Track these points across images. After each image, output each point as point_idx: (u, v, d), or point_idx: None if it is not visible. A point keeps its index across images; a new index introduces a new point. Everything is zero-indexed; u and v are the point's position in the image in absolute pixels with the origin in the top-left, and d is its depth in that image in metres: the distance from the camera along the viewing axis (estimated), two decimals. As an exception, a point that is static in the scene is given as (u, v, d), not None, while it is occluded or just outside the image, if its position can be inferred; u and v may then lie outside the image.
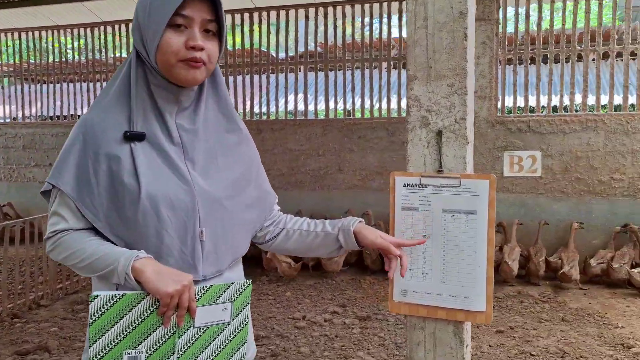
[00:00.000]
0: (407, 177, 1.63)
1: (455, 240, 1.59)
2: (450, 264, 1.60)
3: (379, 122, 6.18)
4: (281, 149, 6.43)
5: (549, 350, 3.77)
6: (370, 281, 5.45)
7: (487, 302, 1.59)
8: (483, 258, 1.57)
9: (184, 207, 1.28)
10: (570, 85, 5.68)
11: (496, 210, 1.58)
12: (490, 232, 1.57)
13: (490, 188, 1.55)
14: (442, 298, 1.62)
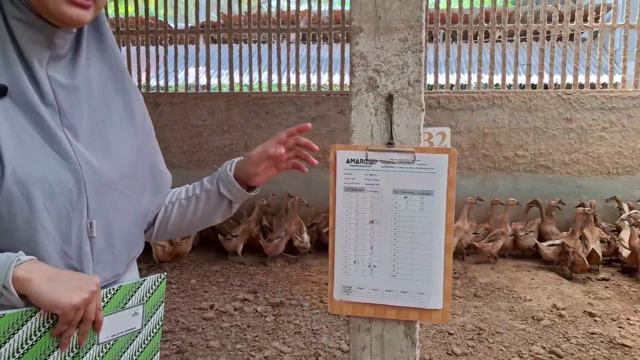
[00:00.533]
0: (351, 151, 1.34)
1: (408, 226, 1.33)
2: (402, 255, 1.35)
3: (288, 97, 5.87)
4: (182, 125, 5.93)
5: (465, 327, 3.73)
6: (282, 264, 5.19)
7: (444, 299, 1.36)
8: (440, 247, 1.33)
9: (67, 192, 0.94)
10: (478, 62, 5.69)
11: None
12: (449, 217, 1.33)
13: (449, 164, 1.31)
14: (392, 295, 1.37)
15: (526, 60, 5.61)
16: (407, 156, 1.31)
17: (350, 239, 1.36)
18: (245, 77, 6.13)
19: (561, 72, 5.56)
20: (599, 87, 5.53)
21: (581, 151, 5.45)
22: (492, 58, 5.66)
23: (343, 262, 1.38)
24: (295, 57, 6.00)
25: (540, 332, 3.65)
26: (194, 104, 5.95)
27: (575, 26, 5.46)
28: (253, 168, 1.20)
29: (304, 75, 6.03)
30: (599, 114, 5.37)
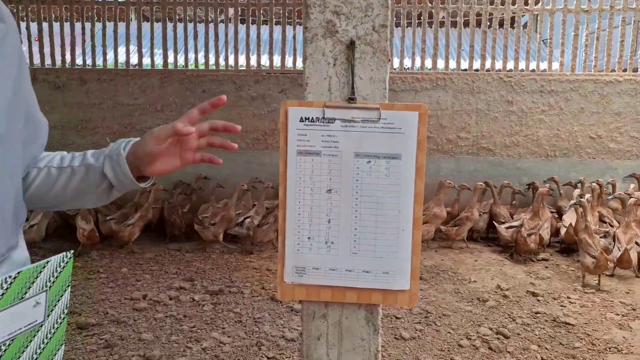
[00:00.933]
0: (305, 108, 1.14)
1: (371, 195, 1.15)
2: (365, 229, 1.16)
3: (226, 75, 5.57)
4: (111, 103, 5.51)
5: (412, 311, 3.63)
6: (220, 250, 4.93)
7: (411, 278, 1.19)
8: (408, 219, 1.16)
9: None
10: (422, 42, 5.61)
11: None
12: (419, 184, 1.16)
13: (420, 123, 1.13)
14: (352, 275, 1.18)
15: (469, 43, 5.57)
16: (371, 114, 1.12)
17: (304, 211, 1.17)
18: (180, 57, 5.77)
19: (502, 56, 5.56)
20: (539, 71, 5.57)
21: (521, 134, 5.49)
22: (435, 40, 5.59)
23: (295, 239, 1.18)
24: (234, 35, 5.70)
25: (487, 313, 3.61)
26: (125, 82, 5.54)
27: (517, 9, 5.47)
28: (152, 150, 0.95)
29: (243, 56, 5.75)
30: (538, 96, 5.42)
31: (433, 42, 5.62)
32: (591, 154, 5.50)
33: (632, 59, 5.51)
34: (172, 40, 5.71)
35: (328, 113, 1.13)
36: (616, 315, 3.57)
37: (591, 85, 5.39)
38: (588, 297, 3.91)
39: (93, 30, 5.73)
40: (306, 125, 1.14)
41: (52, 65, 5.63)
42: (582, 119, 5.45)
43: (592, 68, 5.50)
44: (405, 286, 1.18)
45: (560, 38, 5.48)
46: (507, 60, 5.60)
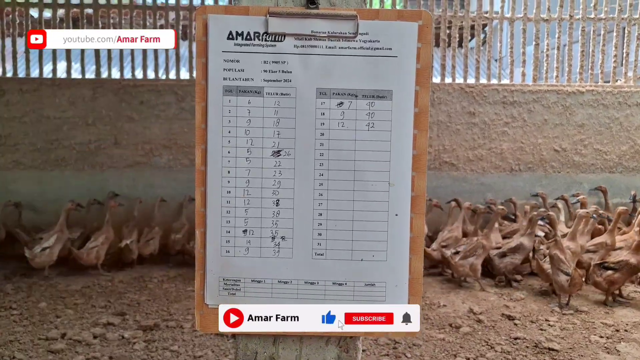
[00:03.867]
0: (238, 16, 0.70)
1: (345, 159, 0.71)
2: (336, 215, 0.72)
3: (167, 85, 5.06)
4: (35, 117, 4.90)
5: (378, 341, 3.18)
6: (160, 279, 4.35)
7: (410, 293, 0.74)
8: (405, 197, 0.72)
9: None
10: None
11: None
12: (421, 141, 0.72)
13: (421, 41, 0.70)
14: (316, 290, 0.73)
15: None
16: (344, 26, 0.69)
17: (237, 187, 0.71)
18: (114, 68, 5.24)
19: (463, 66, 5.31)
20: (500, 82, 5.34)
21: (485, 147, 5.21)
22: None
23: (223, 234, 0.72)
24: (175, 45, 5.22)
25: (461, 341, 3.19)
26: (51, 92, 4.95)
27: (476, 17, 5.25)
28: None
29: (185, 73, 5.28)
30: (500, 108, 5.17)
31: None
32: (556, 168, 5.26)
33: (592, 70, 5.36)
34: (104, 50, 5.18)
35: (274, 25, 0.69)
36: (600, 338, 3.22)
37: (554, 97, 5.19)
38: (567, 318, 3.56)
39: (14, 36, 5.13)
40: (238, 44, 0.70)
41: (-32, 74, 5.00)
42: (545, 131, 5.22)
43: (554, 79, 5.32)
44: (402, 301, 0.73)
45: (521, 48, 5.28)
46: (467, 71, 5.35)
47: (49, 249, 4.18)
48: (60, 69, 5.39)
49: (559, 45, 5.31)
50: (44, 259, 4.16)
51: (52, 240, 4.24)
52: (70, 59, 5.14)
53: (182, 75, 5.31)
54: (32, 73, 5.19)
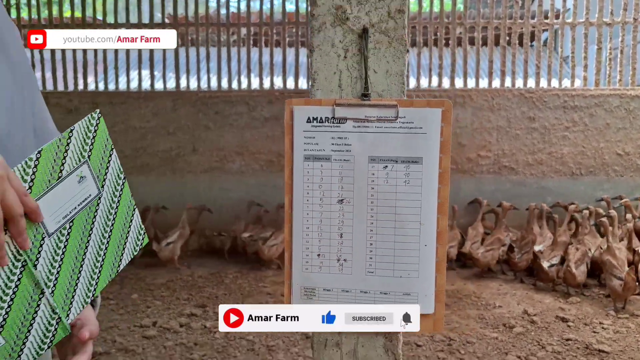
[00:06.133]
0: (313, 107, 1.01)
1: (389, 205, 1.00)
2: (382, 244, 1.02)
3: (239, 96, 5.48)
4: (123, 127, 5.45)
5: (434, 338, 3.43)
6: (234, 275, 4.78)
7: (436, 300, 1.03)
8: (432, 232, 1.01)
9: None
10: (438, 67, 5.50)
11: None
12: (444, 192, 1.01)
13: (444, 122, 0.99)
14: (368, 297, 1.03)
15: (488, 59, 5.43)
16: (388, 112, 0.98)
17: (313, 224, 1.02)
18: (192, 80, 5.72)
19: (523, 71, 5.41)
20: (561, 87, 5.40)
21: (544, 151, 5.29)
22: (452, 58, 5.46)
23: (304, 256, 1.03)
24: (247, 56, 5.64)
25: (514, 340, 3.39)
26: (137, 104, 5.49)
27: (537, 23, 5.34)
28: None
29: (256, 79, 5.68)
30: (561, 112, 5.24)
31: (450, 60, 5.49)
32: (618, 172, 5.27)
33: (657, 73, 5.32)
34: (184, 62, 5.67)
35: (339, 112, 0.99)
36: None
37: (616, 100, 5.20)
38: (622, 322, 3.67)
39: (106, 56, 5.71)
40: (314, 126, 1.01)
41: (65, 89, 5.61)
42: (608, 135, 5.24)
43: (617, 83, 5.32)
44: (429, 310, 1.02)
45: (583, 52, 5.31)
46: (527, 76, 5.45)
47: (172, 244, 4.73)
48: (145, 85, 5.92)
49: (622, 48, 5.30)
50: (167, 253, 4.70)
51: (175, 236, 4.79)
52: (153, 73, 5.66)
53: (252, 85, 5.71)
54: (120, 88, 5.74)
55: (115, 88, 5.70)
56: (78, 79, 5.64)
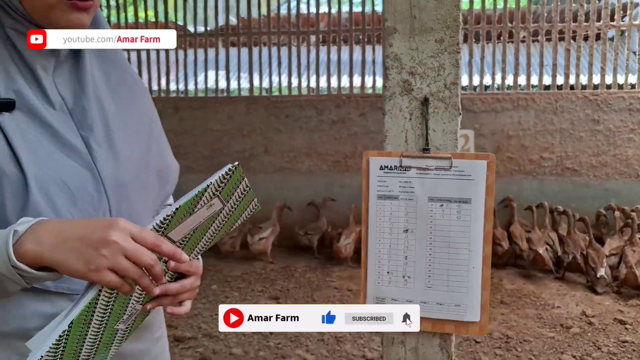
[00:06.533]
0: (385, 157, 1.29)
1: (444, 235, 1.27)
2: (438, 266, 1.29)
3: (308, 100, 5.82)
4: (201, 130, 5.92)
5: (492, 335, 3.64)
6: (303, 269, 5.14)
7: (482, 311, 1.29)
8: (478, 257, 1.27)
9: (89, 198, 0.90)
10: (502, 62, 5.60)
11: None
12: (488, 226, 1.27)
13: (488, 171, 1.25)
14: (427, 307, 1.31)
15: (552, 61, 5.48)
16: (444, 162, 1.25)
17: (384, 248, 1.31)
18: (264, 81, 6.11)
19: (588, 73, 5.44)
20: (627, 88, 5.38)
21: (609, 153, 5.32)
22: (516, 59, 5.55)
23: (376, 273, 1.32)
24: (316, 59, 5.95)
25: (570, 340, 3.55)
26: (214, 109, 5.94)
27: (602, 25, 5.34)
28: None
29: (323, 78, 5.99)
30: (626, 115, 5.24)
31: (514, 62, 5.58)
32: (686, 174, 5.23)
33: None
34: (257, 65, 6.06)
35: (405, 162, 1.27)
36: None
37: (686, 102, 5.15)
38: (683, 326, 3.74)
39: (186, 61, 6.19)
40: (385, 172, 1.29)
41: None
42: (675, 138, 5.21)
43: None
44: (475, 318, 1.29)
45: (650, 54, 5.28)
46: (592, 76, 5.46)
47: (264, 239, 5.19)
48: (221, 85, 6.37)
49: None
50: (260, 247, 5.14)
51: (267, 232, 5.25)
52: (229, 78, 6.09)
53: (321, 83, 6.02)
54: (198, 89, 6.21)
55: (194, 90, 6.16)
56: (161, 85, 6.15)
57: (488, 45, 5.73)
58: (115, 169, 0.95)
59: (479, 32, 5.75)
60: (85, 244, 0.75)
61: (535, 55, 5.72)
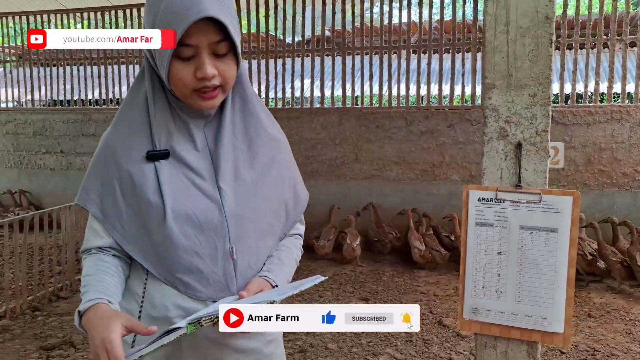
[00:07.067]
0: (482, 191, 1.54)
1: (533, 258, 1.51)
2: (527, 284, 1.52)
3: (398, 111, 6.07)
4: (297, 138, 6.32)
5: (579, 347, 3.73)
6: (391, 273, 5.40)
7: (565, 324, 1.52)
8: (563, 279, 1.49)
9: (212, 226, 1.21)
10: (595, 74, 5.56)
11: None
12: (572, 252, 1.49)
13: (574, 205, 1.47)
14: (516, 318, 1.55)
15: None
16: (534, 197, 1.49)
17: (480, 267, 1.57)
18: (357, 91, 6.42)
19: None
20: None
21: None
22: (610, 70, 5.50)
23: (472, 287, 1.58)
24: (406, 70, 6.18)
25: (660, 358, 3.57)
26: (309, 119, 6.33)
27: None
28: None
29: (413, 87, 6.20)
30: None
31: (608, 73, 5.53)
32: None
33: None
34: (349, 76, 6.38)
35: (500, 195, 1.52)
36: None
37: None
38: None
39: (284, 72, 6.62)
40: (483, 203, 1.54)
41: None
42: None
43: None
44: (559, 330, 1.51)
45: None
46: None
47: (329, 242, 5.59)
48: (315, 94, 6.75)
49: None
50: (325, 250, 5.54)
51: (332, 235, 5.65)
52: (324, 92, 6.45)
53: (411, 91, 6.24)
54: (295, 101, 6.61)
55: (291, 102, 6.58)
56: (261, 94, 6.62)
57: (581, 51, 5.68)
58: (236, 206, 1.22)
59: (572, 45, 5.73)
60: (91, 339, 1.06)
61: (631, 64, 5.62)
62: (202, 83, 1.14)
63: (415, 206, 5.79)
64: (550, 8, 1.44)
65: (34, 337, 3.85)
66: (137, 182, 1.19)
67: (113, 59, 7.44)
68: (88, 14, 7.48)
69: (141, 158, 1.20)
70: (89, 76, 7.49)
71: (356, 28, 6.48)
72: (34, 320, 4.17)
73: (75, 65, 7.57)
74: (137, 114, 1.24)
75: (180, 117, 1.24)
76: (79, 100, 7.63)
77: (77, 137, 7.37)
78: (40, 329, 3.99)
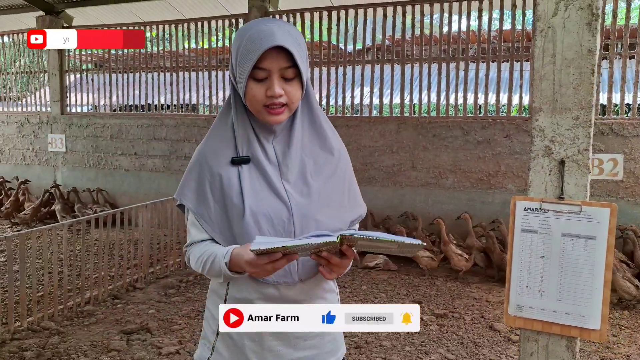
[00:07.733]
0: (528, 201, 1.75)
1: (573, 262, 1.70)
2: (567, 284, 1.72)
3: (455, 121, 6.22)
4: (355, 145, 6.58)
5: (630, 358, 3.80)
6: (444, 278, 5.56)
7: (602, 322, 1.70)
8: (600, 281, 1.68)
9: (281, 222, 1.44)
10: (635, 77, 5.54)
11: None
12: (609, 257, 1.67)
13: (611, 216, 1.66)
14: (557, 315, 1.74)
15: None
16: (575, 208, 1.69)
17: (524, 268, 1.77)
18: (414, 98, 6.62)
19: None
20: None
21: None
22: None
23: (517, 286, 1.79)
24: (464, 80, 6.32)
25: None
26: (367, 127, 6.57)
27: None
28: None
29: (471, 97, 6.32)
30: None
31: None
32: None
33: None
34: (408, 85, 6.59)
35: (544, 206, 1.73)
36: None
37: None
38: None
39: (345, 81, 6.90)
40: (528, 212, 1.75)
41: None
42: None
43: None
44: (596, 326, 1.70)
45: None
46: None
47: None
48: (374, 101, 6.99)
49: None
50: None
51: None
52: (382, 100, 6.68)
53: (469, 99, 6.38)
54: (355, 108, 6.87)
55: (351, 109, 6.84)
56: (322, 102, 6.93)
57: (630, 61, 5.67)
58: (301, 207, 1.42)
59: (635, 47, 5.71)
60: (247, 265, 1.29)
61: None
62: (271, 100, 1.37)
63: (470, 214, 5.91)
64: (593, 43, 1.64)
65: (115, 322, 4.28)
66: (225, 183, 1.46)
67: (184, 67, 7.94)
68: (163, 27, 8.01)
69: (227, 163, 1.48)
70: (161, 83, 8.02)
71: (415, 37, 6.67)
72: (115, 307, 4.61)
73: (150, 73, 8.13)
74: (224, 129, 1.52)
75: (254, 130, 1.50)
76: (152, 106, 8.19)
77: (149, 140, 7.91)
78: (120, 315, 4.42)
